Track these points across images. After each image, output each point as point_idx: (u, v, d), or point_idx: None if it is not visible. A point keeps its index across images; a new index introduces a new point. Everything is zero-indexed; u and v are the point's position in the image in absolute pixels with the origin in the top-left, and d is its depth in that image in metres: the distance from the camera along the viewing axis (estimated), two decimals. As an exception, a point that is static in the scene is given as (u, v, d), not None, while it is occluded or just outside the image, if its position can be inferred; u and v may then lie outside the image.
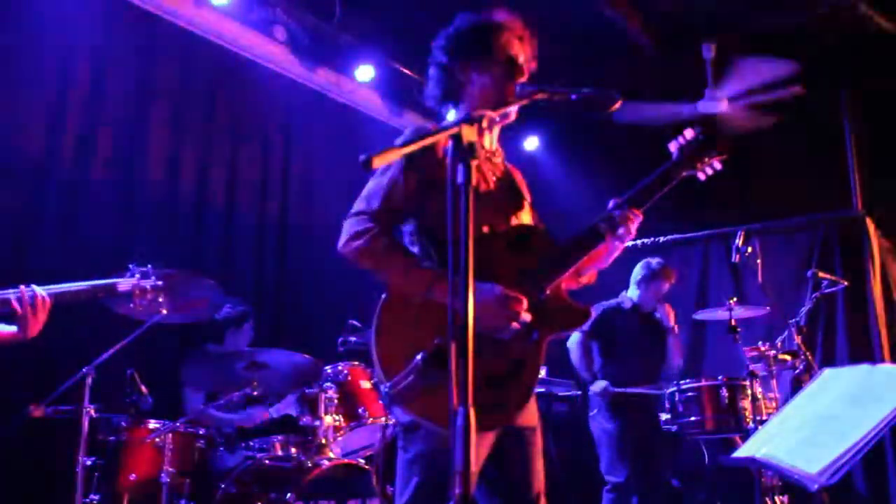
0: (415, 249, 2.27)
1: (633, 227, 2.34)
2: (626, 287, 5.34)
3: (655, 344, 5.23)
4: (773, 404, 4.64)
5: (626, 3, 5.79)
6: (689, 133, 2.48)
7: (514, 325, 2.11)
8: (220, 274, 5.15)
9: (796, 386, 5.14)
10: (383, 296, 2.18)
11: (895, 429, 2.08)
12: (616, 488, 4.82)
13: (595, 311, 4.98)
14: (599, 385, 4.96)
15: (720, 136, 2.46)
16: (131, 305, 2.99)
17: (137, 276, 2.93)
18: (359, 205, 2.23)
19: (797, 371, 4.92)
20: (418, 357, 2.01)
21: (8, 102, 4.40)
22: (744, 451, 2.34)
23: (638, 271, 5.27)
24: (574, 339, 5.17)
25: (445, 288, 2.09)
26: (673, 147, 2.48)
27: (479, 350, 1.48)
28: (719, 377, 4.92)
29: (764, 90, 5.94)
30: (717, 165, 2.48)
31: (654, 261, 5.29)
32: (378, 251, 2.15)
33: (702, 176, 2.48)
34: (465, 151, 1.53)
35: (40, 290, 2.69)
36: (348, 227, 2.20)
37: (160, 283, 2.95)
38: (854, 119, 6.47)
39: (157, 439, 3.76)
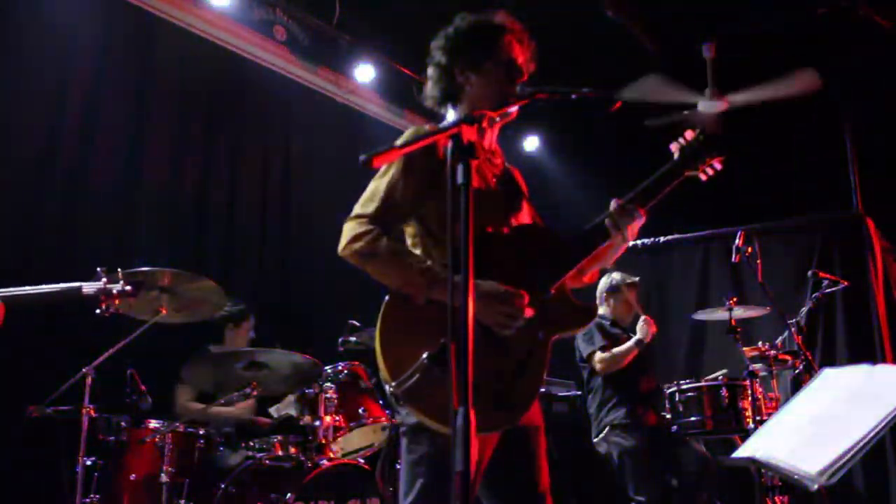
0: (417, 251, 2.27)
1: (636, 227, 2.35)
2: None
3: (643, 361, 5.03)
4: (773, 404, 4.64)
5: (627, 3, 5.79)
6: (689, 134, 2.48)
7: (516, 322, 2.10)
8: (221, 274, 5.15)
9: (796, 386, 5.15)
10: (387, 297, 2.18)
11: (895, 429, 2.08)
12: None
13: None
14: (641, 329, 4.75)
15: (720, 136, 2.46)
16: (97, 311, 2.95)
17: (104, 280, 2.91)
18: (359, 207, 2.23)
19: (797, 371, 4.92)
20: (423, 357, 2.00)
21: (8, 102, 4.40)
22: (744, 451, 2.34)
23: (602, 285, 5.11)
24: (601, 357, 4.84)
25: (445, 289, 2.09)
26: (674, 148, 2.48)
27: (484, 351, 1.48)
28: (719, 377, 4.92)
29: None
30: (718, 166, 2.47)
31: (616, 274, 5.11)
32: (378, 254, 2.15)
33: (703, 177, 2.48)
34: (465, 151, 1.53)
35: None
36: (348, 230, 2.19)
37: (128, 287, 2.91)
38: (854, 119, 6.47)
39: (157, 439, 3.75)
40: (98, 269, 2.98)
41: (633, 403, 4.81)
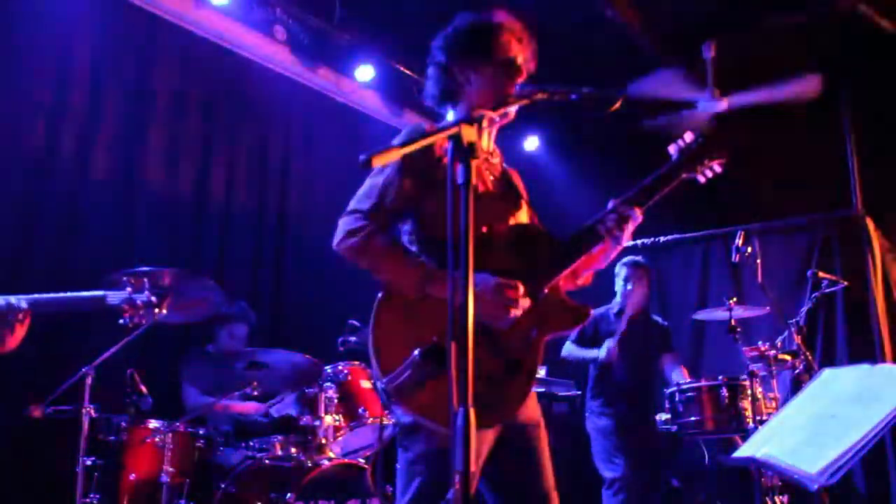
0: (412, 248, 2.27)
1: (631, 229, 2.34)
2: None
3: (647, 349, 5.14)
4: (773, 404, 4.64)
5: (627, 3, 5.79)
6: (688, 136, 2.47)
7: (513, 312, 2.10)
8: (220, 274, 5.16)
9: (796, 386, 5.14)
10: (380, 293, 2.18)
11: (895, 429, 2.08)
12: (612, 484, 4.79)
13: None
14: (603, 349, 4.87)
15: (720, 138, 2.45)
16: (121, 321, 2.94)
17: (129, 289, 2.89)
18: (354, 203, 2.24)
19: (797, 371, 4.92)
20: (415, 353, 2.01)
21: (8, 102, 4.40)
22: (744, 451, 2.34)
23: (616, 273, 5.20)
24: (567, 348, 5.16)
25: (440, 285, 2.10)
26: (673, 149, 2.47)
27: (476, 348, 1.48)
28: (719, 377, 4.92)
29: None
30: (717, 168, 2.47)
31: (629, 259, 5.19)
32: (372, 249, 2.16)
33: (702, 179, 2.47)
34: (464, 151, 1.53)
35: (14, 299, 2.58)
36: (343, 224, 2.20)
37: (153, 299, 2.90)
38: (854, 119, 6.47)
39: (157, 439, 3.76)
40: (125, 277, 2.99)
41: (613, 394, 4.95)
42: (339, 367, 4.23)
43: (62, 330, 4.19)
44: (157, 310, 2.90)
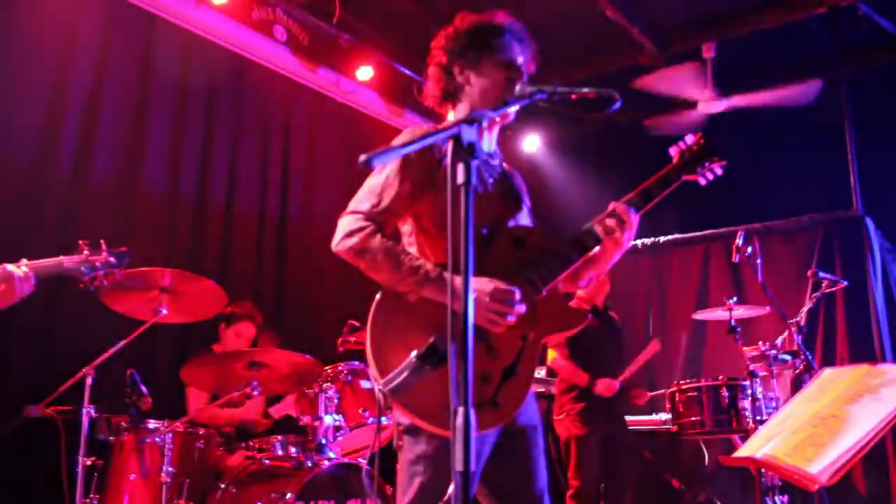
0: (412, 249, 2.28)
1: (632, 231, 2.34)
2: (630, 290, 5.23)
3: (613, 344, 5.10)
4: (773, 404, 4.64)
5: (627, 3, 5.79)
6: (689, 138, 2.47)
7: (508, 319, 2.10)
8: (221, 274, 5.15)
9: (796, 386, 5.14)
10: (378, 294, 2.18)
11: (895, 429, 2.08)
12: (578, 493, 4.72)
13: None
14: (603, 383, 4.80)
15: (721, 141, 2.45)
16: (81, 285, 2.92)
17: (85, 252, 2.87)
18: (354, 204, 2.24)
19: (797, 371, 4.92)
20: (412, 355, 2.01)
21: (8, 102, 4.40)
22: (744, 451, 2.33)
23: None
24: (553, 356, 5.03)
25: (437, 287, 2.10)
26: (673, 151, 2.47)
27: (475, 350, 1.48)
28: (719, 377, 4.92)
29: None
30: (718, 171, 2.46)
31: None
32: (371, 250, 2.16)
33: (702, 181, 2.47)
34: (464, 151, 1.53)
35: None
36: (343, 225, 2.20)
37: (112, 259, 2.87)
38: (854, 119, 6.47)
39: (157, 439, 3.75)
40: (80, 241, 2.96)
41: (593, 399, 4.85)
42: (339, 367, 4.23)
43: (62, 330, 4.19)
44: (116, 271, 2.88)
